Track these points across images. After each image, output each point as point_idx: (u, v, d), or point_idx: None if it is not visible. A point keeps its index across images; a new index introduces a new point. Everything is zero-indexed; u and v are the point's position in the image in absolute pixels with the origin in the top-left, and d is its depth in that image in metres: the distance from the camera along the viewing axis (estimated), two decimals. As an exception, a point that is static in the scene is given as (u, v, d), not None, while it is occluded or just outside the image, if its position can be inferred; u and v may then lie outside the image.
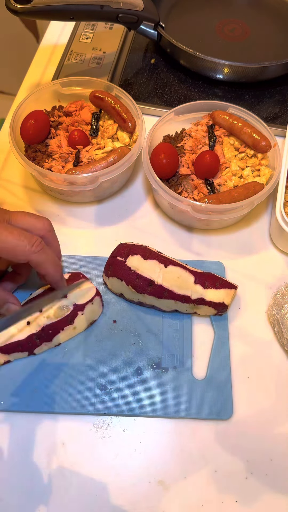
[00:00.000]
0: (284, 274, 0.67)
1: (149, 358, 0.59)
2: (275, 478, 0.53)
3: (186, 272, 0.60)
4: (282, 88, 0.85)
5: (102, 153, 0.71)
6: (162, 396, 0.57)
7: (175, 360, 0.59)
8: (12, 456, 0.54)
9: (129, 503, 0.52)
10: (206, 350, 0.60)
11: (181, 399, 0.57)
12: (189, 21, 0.90)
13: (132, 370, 0.58)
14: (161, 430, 0.56)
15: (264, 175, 0.68)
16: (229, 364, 0.59)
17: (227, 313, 0.63)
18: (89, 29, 0.91)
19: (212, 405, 0.56)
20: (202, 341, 0.61)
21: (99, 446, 0.55)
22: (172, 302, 0.60)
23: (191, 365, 0.59)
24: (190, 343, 0.60)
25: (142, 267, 0.59)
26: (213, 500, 0.52)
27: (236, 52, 0.85)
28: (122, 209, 0.73)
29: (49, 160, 0.70)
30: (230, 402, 0.57)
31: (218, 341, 0.61)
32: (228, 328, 0.62)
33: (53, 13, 0.72)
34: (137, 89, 0.84)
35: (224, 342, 0.61)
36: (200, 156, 0.68)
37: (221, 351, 0.60)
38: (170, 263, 0.60)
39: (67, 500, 0.52)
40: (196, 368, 0.59)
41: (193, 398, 0.57)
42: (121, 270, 0.60)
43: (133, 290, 0.60)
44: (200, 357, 0.60)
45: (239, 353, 0.61)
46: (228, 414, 0.56)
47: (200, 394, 0.57)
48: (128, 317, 0.62)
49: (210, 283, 0.60)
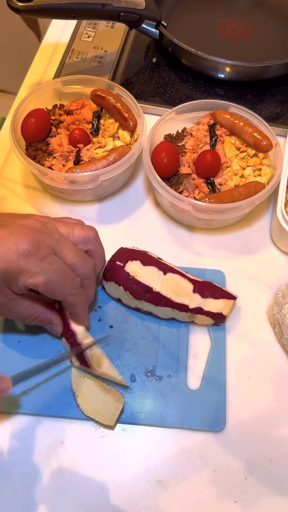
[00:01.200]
0: (284, 274, 0.67)
1: (143, 365, 0.58)
2: (274, 478, 0.53)
3: (185, 280, 0.59)
4: (284, 88, 0.85)
5: (103, 152, 0.71)
6: (154, 404, 0.56)
7: (169, 368, 0.58)
8: (12, 455, 0.54)
9: (128, 503, 0.52)
10: (202, 360, 0.59)
11: (174, 409, 0.56)
12: (191, 20, 0.90)
13: (126, 376, 0.57)
14: (161, 430, 0.55)
15: (265, 174, 0.68)
16: (224, 376, 0.58)
17: (225, 323, 0.62)
18: (91, 27, 0.91)
19: (204, 416, 0.55)
20: (198, 350, 0.60)
21: (99, 446, 0.54)
22: (169, 310, 0.59)
23: (186, 375, 0.58)
24: (186, 352, 0.59)
25: (141, 273, 0.59)
26: (212, 500, 0.52)
27: (238, 52, 0.85)
28: (123, 208, 0.73)
29: (49, 159, 0.70)
30: (223, 415, 0.55)
31: (215, 352, 0.59)
32: (226, 339, 0.61)
33: (54, 11, 0.72)
34: (139, 88, 0.84)
35: (221, 354, 0.59)
36: (201, 155, 0.68)
37: (217, 363, 0.59)
38: (169, 270, 0.60)
39: (66, 500, 0.52)
40: (191, 378, 0.58)
41: (186, 409, 0.56)
42: (120, 275, 0.59)
43: (130, 296, 0.59)
44: (195, 367, 0.59)
45: (238, 353, 0.61)
46: (220, 426, 0.55)
47: (193, 405, 0.56)
48: (124, 322, 0.61)
49: (209, 293, 0.59)
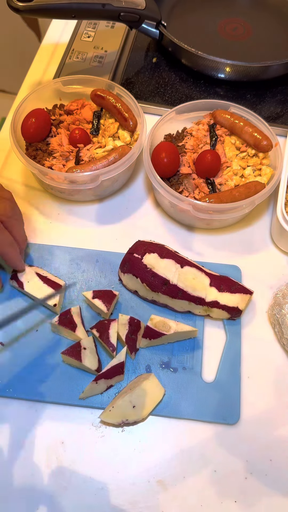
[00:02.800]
0: (284, 274, 0.67)
1: (159, 357, 0.59)
2: (274, 478, 0.53)
3: (202, 274, 0.60)
4: (284, 88, 0.85)
5: (103, 151, 0.71)
6: (168, 395, 0.57)
7: (185, 361, 0.59)
8: (12, 455, 0.54)
9: (128, 503, 0.52)
10: (217, 354, 0.60)
11: (188, 400, 0.56)
12: (191, 20, 0.90)
13: (141, 367, 0.58)
14: (161, 430, 0.55)
15: (265, 174, 0.68)
16: (239, 369, 0.58)
17: (240, 318, 0.62)
18: (91, 27, 0.91)
19: (219, 409, 0.56)
20: (214, 344, 0.61)
21: (99, 445, 0.54)
22: (185, 303, 0.59)
23: (201, 368, 0.59)
24: (201, 345, 0.60)
25: (158, 265, 0.60)
26: (212, 500, 0.52)
27: (238, 51, 0.85)
28: (123, 208, 0.73)
29: (50, 159, 0.70)
30: (238, 407, 0.56)
31: (230, 346, 0.60)
32: (241, 334, 0.61)
33: (54, 11, 0.72)
34: (139, 88, 0.84)
35: (236, 348, 0.60)
36: (201, 155, 0.68)
37: (232, 356, 0.59)
38: (186, 263, 0.60)
39: (66, 499, 0.52)
40: (206, 371, 0.59)
41: (200, 401, 0.56)
42: (137, 267, 0.60)
43: (147, 288, 0.60)
44: (210, 360, 0.60)
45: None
46: (234, 419, 0.56)
47: (207, 397, 0.57)
48: (141, 314, 0.62)
49: (226, 287, 0.60)
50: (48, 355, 0.59)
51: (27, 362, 0.58)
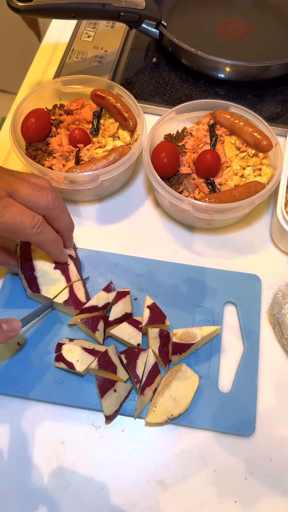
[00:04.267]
0: (285, 274, 0.67)
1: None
2: (274, 478, 0.53)
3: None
4: (284, 88, 0.85)
5: (103, 151, 0.71)
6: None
7: (201, 369, 0.58)
8: (12, 455, 0.54)
9: (128, 503, 0.52)
10: (233, 363, 0.59)
11: (204, 411, 0.56)
12: (191, 20, 0.90)
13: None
14: (161, 430, 0.55)
15: (265, 174, 0.68)
16: (256, 381, 0.57)
17: (258, 331, 0.61)
18: (91, 27, 0.91)
19: (234, 420, 0.55)
20: (231, 354, 0.60)
21: (98, 446, 0.54)
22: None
23: (217, 376, 0.58)
24: (218, 354, 0.59)
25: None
26: (212, 500, 0.52)
27: (238, 51, 0.85)
28: (123, 208, 0.73)
29: (50, 159, 0.70)
30: (253, 419, 0.55)
31: (247, 357, 0.59)
32: (259, 345, 0.60)
33: (54, 11, 0.72)
34: (139, 88, 0.84)
35: (253, 359, 0.59)
36: (201, 155, 0.68)
37: (249, 367, 0.58)
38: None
39: (66, 500, 0.52)
40: (222, 380, 0.58)
41: (216, 411, 0.55)
42: None
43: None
44: (227, 370, 0.59)
45: (239, 353, 0.61)
46: (250, 430, 0.55)
47: (223, 407, 0.56)
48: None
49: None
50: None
51: (43, 363, 0.58)
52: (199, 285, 0.64)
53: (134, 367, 0.55)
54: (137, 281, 0.64)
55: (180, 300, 0.63)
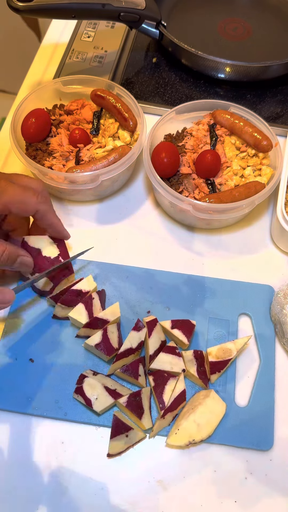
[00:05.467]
0: (285, 274, 0.67)
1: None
2: (274, 478, 0.53)
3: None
4: (284, 88, 0.85)
5: (103, 151, 0.71)
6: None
7: (217, 383, 0.58)
8: (12, 455, 0.54)
9: (128, 503, 0.52)
10: (250, 378, 0.59)
11: (221, 425, 0.55)
12: (191, 20, 0.90)
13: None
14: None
15: (265, 174, 0.68)
16: (273, 395, 0.57)
17: (274, 342, 0.60)
18: (91, 27, 0.91)
19: (251, 434, 0.54)
20: (247, 367, 0.59)
21: (98, 446, 0.54)
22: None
23: (234, 391, 0.57)
24: (234, 368, 0.59)
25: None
26: (212, 500, 0.52)
27: (238, 51, 0.85)
28: (123, 208, 0.73)
29: (50, 159, 0.70)
30: (271, 434, 0.55)
31: (264, 371, 0.58)
32: (275, 359, 0.60)
33: (54, 11, 0.72)
34: (139, 88, 0.84)
35: (270, 373, 0.58)
36: (201, 155, 0.68)
37: (265, 381, 0.58)
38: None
39: (66, 499, 0.52)
40: (238, 394, 0.58)
41: (233, 425, 0.55)
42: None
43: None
44: (243, 384, 0.58)
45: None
46: (268, 445, 0.54)
47: (240, 422, 0.55)
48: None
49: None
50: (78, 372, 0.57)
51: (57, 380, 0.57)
52: (212, 297, 0.63)
53: (161, 392, 0.54)
54: (149, 293, 0.64)
55: (194, 312, 0.62)
